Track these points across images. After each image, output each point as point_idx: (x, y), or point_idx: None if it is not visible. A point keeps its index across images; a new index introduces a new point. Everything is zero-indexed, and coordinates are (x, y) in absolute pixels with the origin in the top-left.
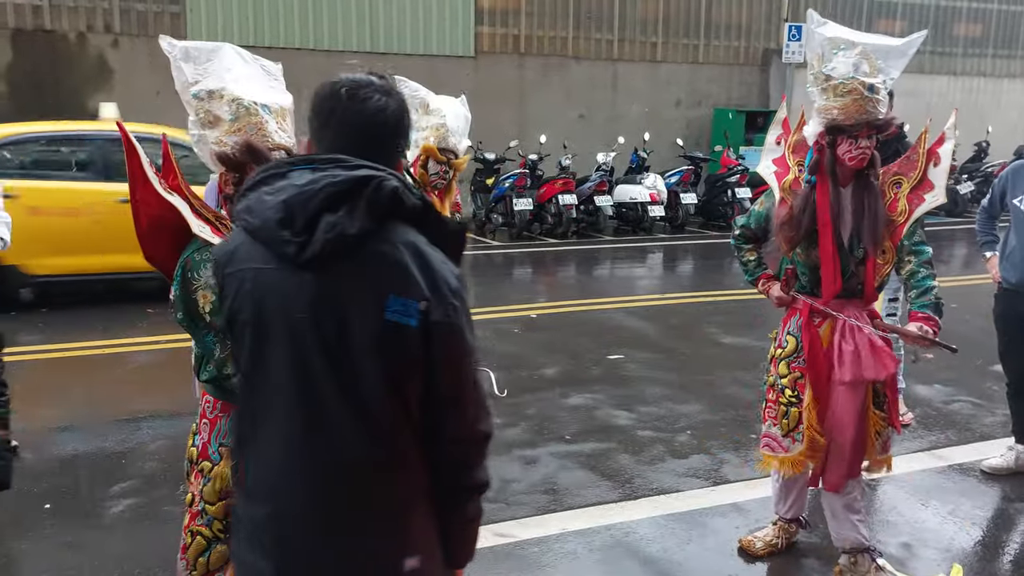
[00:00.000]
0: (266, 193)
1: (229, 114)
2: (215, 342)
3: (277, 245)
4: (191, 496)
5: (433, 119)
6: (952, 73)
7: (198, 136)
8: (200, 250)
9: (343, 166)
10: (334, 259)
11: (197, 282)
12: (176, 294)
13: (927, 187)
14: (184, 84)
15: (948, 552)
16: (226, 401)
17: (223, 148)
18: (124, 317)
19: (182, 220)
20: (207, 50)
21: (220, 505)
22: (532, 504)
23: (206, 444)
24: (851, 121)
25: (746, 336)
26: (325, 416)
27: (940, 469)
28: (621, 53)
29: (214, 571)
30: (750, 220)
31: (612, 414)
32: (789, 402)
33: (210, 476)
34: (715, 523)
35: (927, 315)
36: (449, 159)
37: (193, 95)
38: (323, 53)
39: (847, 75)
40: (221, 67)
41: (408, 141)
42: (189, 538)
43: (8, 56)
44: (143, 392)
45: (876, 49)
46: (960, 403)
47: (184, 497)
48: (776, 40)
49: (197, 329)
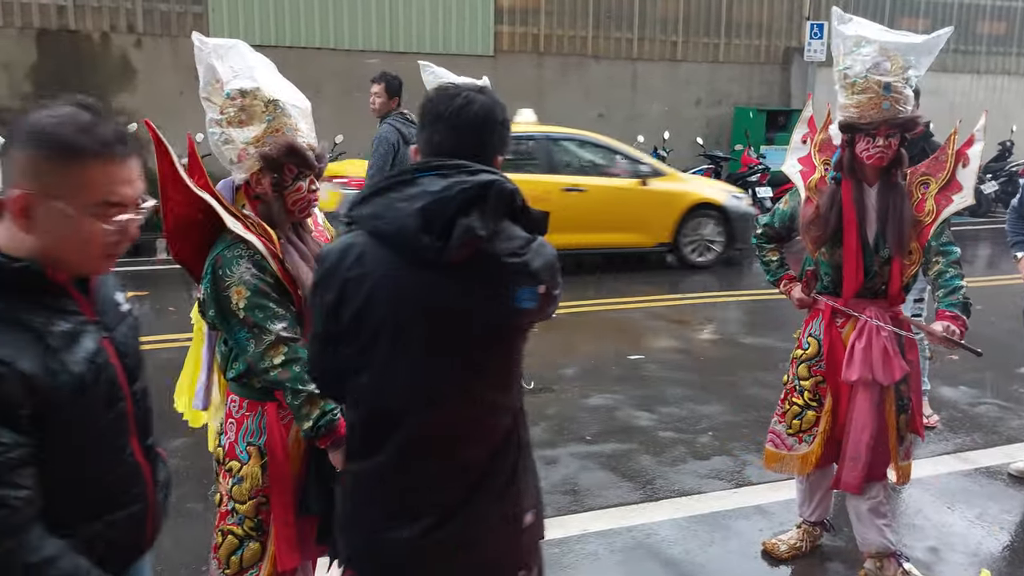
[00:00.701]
0: (397, 200)
1: (268, 115)
2: (248, 338)
3: (415, 250)
4: (220, 496)
5: None
6: (976, 72)
7: (223, 135)
8: (231, 247)
9: (466, 171)
10: (467, 259)
11: (230, 278)
12: (207, 292)
13: (955, 188)
14: (213, 82)
15: (976, 557)
16: (252, 400)
17: (262, 148)
18: (146, 315)
19: (207, 219)
20: (226, 47)
21: (251, 504)
22: (553, 505)
23: (233, 444)
24: (867, 120)
25: (767, 336)
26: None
27: (966, 472)
28: (641, 52)
29: (247, 569)
30: (774, 219)
31: (633, 415)
32: (807, 404)
33: (239, 476)
34: (738, 525)
35: (955, 314)
36: None
37: (226, 94)
38: (344, 52)
39: (861, 73)
40: (246, 65)
41: (507, 139)
42: (220, 537)
43: (33, 56)
44: (165, 390)
45: (898, 46)
46: (986, 406)
47: (214, 497)
48: (798, 38)
49: (230, 326)
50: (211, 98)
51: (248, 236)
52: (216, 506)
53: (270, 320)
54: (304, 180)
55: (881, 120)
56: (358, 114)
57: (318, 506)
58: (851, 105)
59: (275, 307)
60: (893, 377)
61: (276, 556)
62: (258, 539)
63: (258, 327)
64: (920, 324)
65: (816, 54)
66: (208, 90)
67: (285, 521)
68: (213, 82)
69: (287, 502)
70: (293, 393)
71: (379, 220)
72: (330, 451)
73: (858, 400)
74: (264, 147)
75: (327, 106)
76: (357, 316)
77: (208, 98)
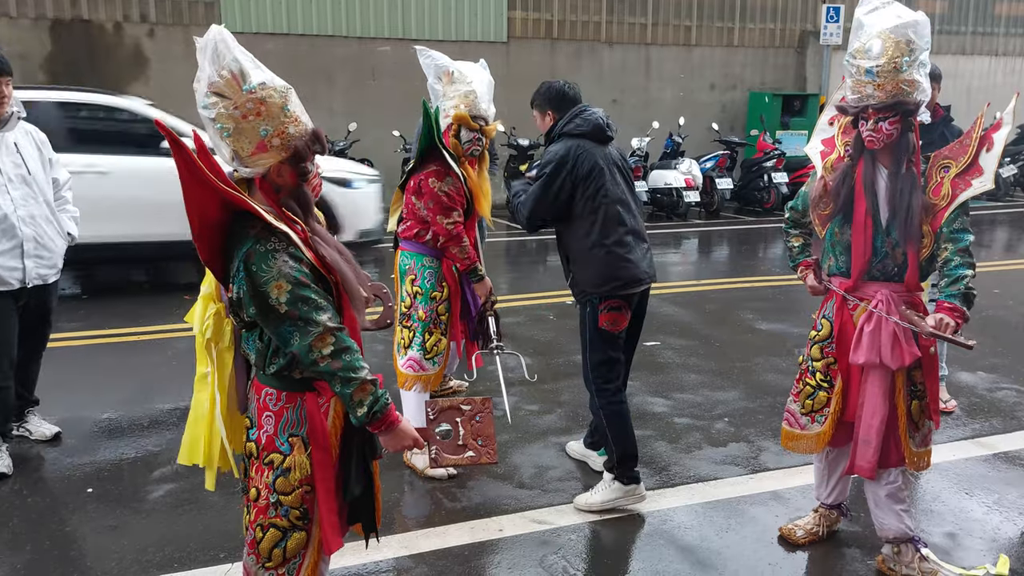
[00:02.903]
0: (583, 117)
1: (286, 104)
2: (292, 331)
3: (603, 137)
4: (255, 491)
5: (460, 87)
6: (993, 54)
7: (235, 129)
8: (260, 241)
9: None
10: None
11: (267, 273)
12: (243, 291)
13: (976, 172)
14: (229, 77)
15: (994, 542)
16: (291, 391)
17: (290, 140)
18: (161, 304)
19: (225, 217)
20: (231, 38)
21: (296, 494)
22: (568, 491)
23: (272, 437)
24: (855, 104)
25: (782, 322)
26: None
27: (985, 458)
28: (654, 37)
29: (289, 559)
30: (798, 202)
31: (648, 401)
32: (819, 385)
33: (285, 467)
34: (754, 511)
35: (953, 305)
36: (481, 126)
37: (250, 87)
38: (355, 40)
39: (849, 56)
40: (246, 57)
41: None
42: (259, 532)
43: (48, 46)
44: (183, 378)
45: (895, 29)
46: (1005, 391)
47: (246, 492)
48: (813, 22)
49: (270, 322)
50: (224, 92)
51: (283, 227)
52: (251, 502)
53: (315, 311)
54: (314, 166)
55: (864, 104)
56: (370, 102)
57: (359, 488)
58: (848, 88)
59: (317, 298)
60: (902, 361)
61: (323, 541)
62: (303, 528)
63: (303, 319)
64: (912, 319)
65: (832, 37)
66: (220, 84)
67: (331, 507)
68: (229, 77)
69: (331, 488)
70: (344, 382)
71: (584, 126)
72: (382, 435)
73: (869, 384)
74: (290, 139)
75: (339, 94)
76: (590, 168)
77: (220, 92)
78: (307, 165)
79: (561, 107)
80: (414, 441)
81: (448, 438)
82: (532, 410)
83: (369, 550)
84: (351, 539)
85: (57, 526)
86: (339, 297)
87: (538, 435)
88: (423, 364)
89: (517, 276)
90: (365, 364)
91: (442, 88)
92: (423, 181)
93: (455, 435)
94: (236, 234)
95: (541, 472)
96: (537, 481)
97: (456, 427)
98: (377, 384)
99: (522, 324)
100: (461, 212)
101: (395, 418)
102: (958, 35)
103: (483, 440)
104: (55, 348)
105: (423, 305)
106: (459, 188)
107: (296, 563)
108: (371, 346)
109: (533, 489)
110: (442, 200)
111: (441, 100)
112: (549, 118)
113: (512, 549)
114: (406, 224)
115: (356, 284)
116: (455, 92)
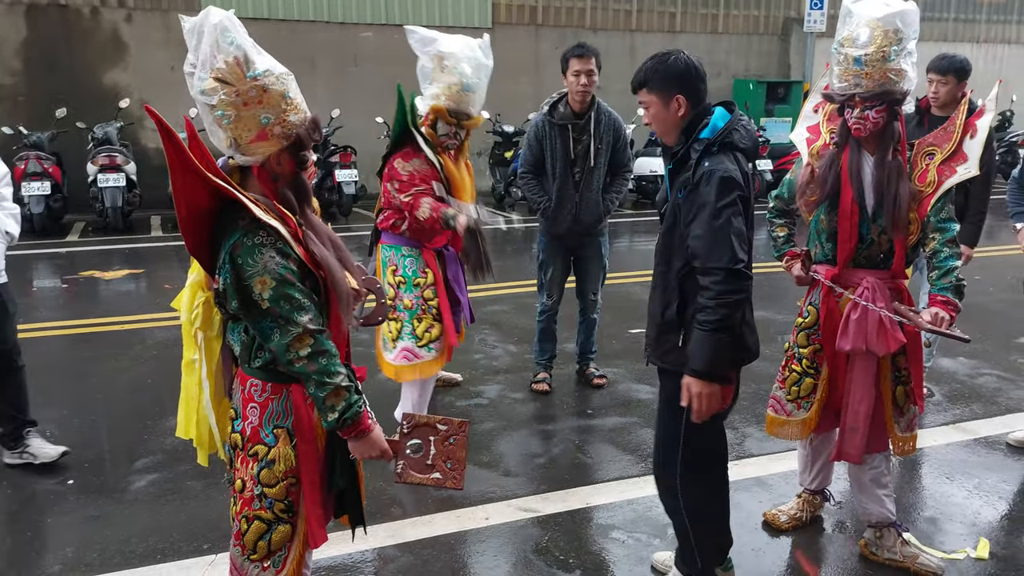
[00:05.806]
0: (744, 127)
1: (287, 92)
2: (273, 328)
3: (755, 153)
4: (241, 482)
5: (448, 77)
6: (975, 41)
7: (235, 116)
8: (248, 234)
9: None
10: None
11: (252, 268)
12: (227, 283)
13: (960, 159)
14: (233, 63)
15: (974, 526)
16: (276, 382)
17: (291, 128)
18: (142, 293)
19: (214, 206)
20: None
21: (281, 486)
22: (555, 478)
23: (256, 428)
24: (841, 92)
25: (767, 309)
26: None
27: (965, 443)
28: (639, 23)
29: (275, 552)
30: (783, 190)
31: (633, 388)
32: (805, 371)
33: (269, 459)
34: (738, 497)
35: (946, 299)
36: (460, 120)
37: (256, 74)
38: (338, 25)
39: (834, 46)
40: (249, 42)
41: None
42: (244, 524)
43: (23, 32)
44: (163, 368)
45: (884, 18)
46: (985, 376)
47: (231, 484)
48: (797, 9)
49: (252, 316)
50: (226, 78)
51: (270, 221)
52: (238, 492)
53: (296, 312)
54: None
55: (851, 93)
56: (352, 88)
57: (344, 481)
58: (834, 75)
59: (301, 297)
60: (888, 348)
61: (307, 535)
62: (288, 521)
63: (283, 318)
64: (907, 314)
65: (816, 24)
66: (223, 70)
67: (315, 500)
68: (233, 62)
69: (316, 480)
70: (319, 385)
71: (747, 140)
72: (351, 441)
73: (856, 371)
74: (291, 127)
75: (321, 81)
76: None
77: (222, 78)
78: (306, 153)
79: (697, 92)
80: (382, 452)
81: (418, 454)
82: (517, 398)
83: (355, 539)
84: (337, 529)
85: (38, 517)
86: (327, 294)
87: (523, 423)
88: (417, 352)
89: (502, 264)
90: (342, 369)
91: (431, 71)
92: (391, 164)
93: (425, 453)
94: (224, 224)
95: (527, 460)
96: (523, 469)
97: (428, 445)
98: (352, 391)
99: (508, 312)
100: (427, 190)
101: (366, 426)
102: (940, 22)
103: (452, 463)
104: (34, 338)
105: (408, 293)
106: (428, 172)
107: (282, 556)
108: (361, 338)
109: (519, 477)
110: (402, 177)
111: (427, 84)
112: (678, 105)
113: (498, 537)
114: (384, 215)
115: (345, 283)
116: (443, 81)
